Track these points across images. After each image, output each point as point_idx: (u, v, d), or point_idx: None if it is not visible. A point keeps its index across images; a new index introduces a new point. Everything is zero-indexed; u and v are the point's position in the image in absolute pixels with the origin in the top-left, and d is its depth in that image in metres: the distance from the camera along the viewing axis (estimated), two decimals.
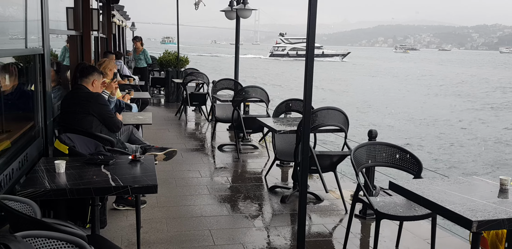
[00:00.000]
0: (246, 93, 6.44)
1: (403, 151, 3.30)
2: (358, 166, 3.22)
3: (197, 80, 9.28)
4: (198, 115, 9.93)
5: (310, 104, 2.78)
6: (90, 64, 5.26)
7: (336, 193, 4.64)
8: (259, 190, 4.88)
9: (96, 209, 2.79)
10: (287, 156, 4.92)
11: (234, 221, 3.99)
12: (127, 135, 4.41)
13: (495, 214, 2.13)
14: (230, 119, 6.57)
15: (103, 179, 2.60)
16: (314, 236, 3.72)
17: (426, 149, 15.42)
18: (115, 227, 3.73)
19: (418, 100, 28.66)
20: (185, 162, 5.91)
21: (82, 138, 3.45)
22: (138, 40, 11.41)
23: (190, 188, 4.83)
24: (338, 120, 4.32)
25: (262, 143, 6.98)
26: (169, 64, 11.70)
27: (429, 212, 2.94)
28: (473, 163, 14.05)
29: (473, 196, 2.37)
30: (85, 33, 5.94)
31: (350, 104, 24.11)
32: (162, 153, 4.18)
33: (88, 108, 3.79)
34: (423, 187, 2.50)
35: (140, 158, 2.98)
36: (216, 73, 30.11)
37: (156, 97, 12.47)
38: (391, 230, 3.71)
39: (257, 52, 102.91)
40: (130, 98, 5.69)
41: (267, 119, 5.14)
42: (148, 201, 4.29)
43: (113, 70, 5.63)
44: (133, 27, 21.44)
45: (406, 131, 18.64)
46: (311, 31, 2.65)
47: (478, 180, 2.70)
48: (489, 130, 19.54)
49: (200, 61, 57.17)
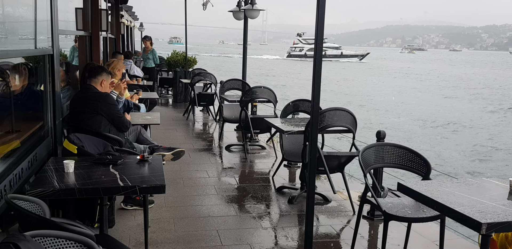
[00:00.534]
0: (254, 93, 6.44)
1: (412, 152, 3.27)
2: (366, 167, 3.21)
3: (205, 80, 9.30)
4: (206, 115, 9.95)
5: (318, 105, 2.77)
6: (98, 64, 5.29)
7: (344, 194, 4.62)
8: (266, 190, 4.88)
9: (105, 208, 2.81)
10: (295, 156, 4.91)
11: (242, 221, 3.99)
12: (135, 135, 4.43)
13: (505, 216, 2.11)
14: (237, 119, 6.58)
15: (112, 178, 2.61)
16: (322, 237, 3.71)
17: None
18: (123, 227, 3.74)
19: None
20: (192, 162, 5.92)
21: (91, 138, 3.47)
22: (148, 40, 11.46)
23: (197, 188, 4.84)
24: (346, 121, 4.31)
25: (269, 143, 6.98)
26: (177, 65, 11.74)
27: (437, 214, 2.91)
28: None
29: (483, 198, 2.35)
30: (94, 33, 5.97)
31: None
32: (170, 153, 4.19)
33: (96, 108, 3.81)
34: (431, 189, 2.48)
35: (148, 158, 2.99)
36: (227, 74, 29.94)
37: (164, 98, 12.51)
38: (399, 232, 3.69)
39: (265, 52, 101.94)
40: (138, 98, 5.71)
41: (275, 120, 5.13)
42: (156, 201, 4.30)
43: (122, 71, 5.66)
44: (141, 28, 21.52)
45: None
46: (319, 31, 2.64)
47: (487, 181, 2.68)
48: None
49: (210, 61, 57.00)
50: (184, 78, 11.20)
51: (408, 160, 3.28)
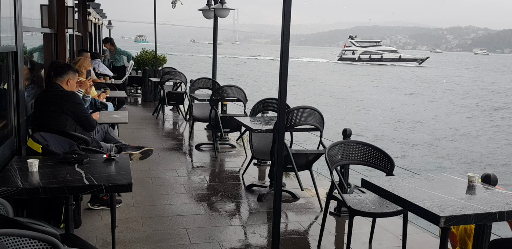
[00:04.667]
0: (224, 92, 6.46)
1: (376, 149, 3.36)
2: (332, 164, 3.28)
3: (174, 79, 9.25)
4: (176, 114, 9.89)
5: (284, 104, 2.81)
6: (65, 62, 5.19)
7: (312, 191, 4.70)
8: (236, 188, 4.90)
9: (70, 208, 2.77)
10: (264, 154, 4.96)
11: (211, 219, 4.01)
12: (102, 134, 4.37)
13: (462, 209, 2.21)
14: (207, 118, 6.57)
15: (77, 177, 2.59)
16: (290, 234, 3.76)
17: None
18: (90, 227, 3.70)
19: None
20: (162, 161, 5.89)
21: (56, 137, 3.41)
22: (107, 42, 11.24)
23: (166, 187, 4.82)
24: (313, 119, 4.37)
25: (239, 142, 7.00)
26: (146, 63, 11.62)
27: (400, 209, 3.01)
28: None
29: (442, 193, 2.45)
30: (60, 31, 5.85)
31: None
32: (138, 152, 4.16)
33: (62, 107, 3.75)
34: (394, 184, 2.56)
35: (115, 157, 2.97)
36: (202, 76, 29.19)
37: (133, 97, 12.37)
38: (366, 227, 3.78)
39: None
40: (105, 97, 5.64)
41: (244, 119, 5.16)
42: (124, 201, 4.26)
43: (88, 69, 5.57)
44: (109, 26, 21.13)
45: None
46: (285, 31, 2.68)
47: (447, 177, 2.78)
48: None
49: (183, 61, 55.43)
50: (154, 77, 11.09)
51: (373, 157, 3.37)
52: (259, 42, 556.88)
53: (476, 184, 2.61)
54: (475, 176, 2.61)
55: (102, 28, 20.28)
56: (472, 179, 2.60)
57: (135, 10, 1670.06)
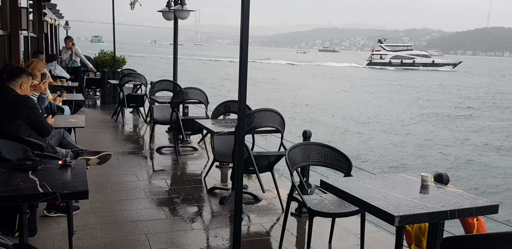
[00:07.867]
0: (185, 94, 6.40)
1: (335, 150, 3.43)
2: (292, 166, 3.32)
3: (134, 81, 9.10)
4: (136, 117, 9.73)
5: (244, 106, 2.82)
6: (17, 65, 5.01)
7: (274, 192, 4.73)
8: (198, 192, 4.88)
9: (24, 217, 2.68)
10: (226, 157, 4.95)
11: (172, 224, 3.97)
12: (57, 139, 4.25)
13: (416, 209, 2.28)
14: (168, 121, 6.50)
15: (31, 185, 2.50)
16: (252, 236, 3.77)
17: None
18: (46, 235, 3.59)
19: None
20: (121, 165, 5.78)
21: (9, 143, 3.29)
22: (70, 40, 10.97)
23: (126, 192, 4.73)
24: (274, 121, 4.41)
25: (201, 144, 6.97)
26: (104, 65, 11.38)
27: (357, 209, 3.08)
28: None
29: (397, 192, 2.52)
30: (13, 32, 5.67)
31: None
32: (95, 157, 4.07)
33: (16, 112, 3.63)
34: (351, 185, 2.62)
35: (70, 163, 2.89)
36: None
37: (92, 99, 12.08)
38: (326, 227, 3.85)
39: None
40: (62, 100, 5.49)
41: (206, 121, 5.14)
42: (82, 207, 4.16)
43: (42, 71, 5.40)
44: (66, 26, 20.59)
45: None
46: (244, 32, 2.69)
47: (402, 177, 2.87)
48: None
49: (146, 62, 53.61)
50: (113, 79, 10.88)
51: (332, 158, 3.43)
52: (222, 43, 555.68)
53: (429, 183, 2.70)
54: (428, 176, 2.70)
55: (59, 29, 19.73)
56: (425, 179, 2.70)
57: (94, 11, 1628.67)
